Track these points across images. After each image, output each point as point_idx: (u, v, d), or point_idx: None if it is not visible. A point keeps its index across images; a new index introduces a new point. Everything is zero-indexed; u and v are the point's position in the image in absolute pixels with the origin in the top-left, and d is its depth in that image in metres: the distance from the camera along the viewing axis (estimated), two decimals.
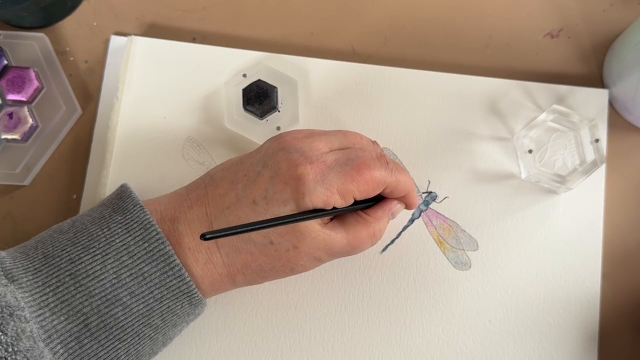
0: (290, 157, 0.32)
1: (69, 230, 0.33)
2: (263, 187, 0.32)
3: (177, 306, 0.33)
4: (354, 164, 0.33)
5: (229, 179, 0.34)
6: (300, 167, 0.32)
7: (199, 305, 0.33)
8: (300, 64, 0.42)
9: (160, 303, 0.32)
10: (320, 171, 0.32)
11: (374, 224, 0.35)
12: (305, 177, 0.31)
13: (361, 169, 0.33)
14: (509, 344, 0.38)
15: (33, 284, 0.30)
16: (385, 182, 0.34)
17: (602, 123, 0.42)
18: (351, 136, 0.36)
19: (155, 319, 0.32)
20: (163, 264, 0.32)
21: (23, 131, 0.41)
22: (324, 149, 0.33)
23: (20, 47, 0.42)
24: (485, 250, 0.40)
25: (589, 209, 0.40)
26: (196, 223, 0.33)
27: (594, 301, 0.39)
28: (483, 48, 0.44)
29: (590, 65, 0.44)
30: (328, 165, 0.32)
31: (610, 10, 0.44)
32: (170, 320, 0.33)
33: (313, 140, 0.34)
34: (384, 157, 0.34)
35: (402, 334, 0.39)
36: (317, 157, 0.32)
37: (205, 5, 0.44)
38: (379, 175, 0.33)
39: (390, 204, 0.36)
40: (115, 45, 0.43)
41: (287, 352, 0.38)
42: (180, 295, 0.32)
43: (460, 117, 0.42)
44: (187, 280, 0.32)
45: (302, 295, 0.39)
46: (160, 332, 0.33)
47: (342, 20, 0.44)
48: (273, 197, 0.32)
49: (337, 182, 0.32)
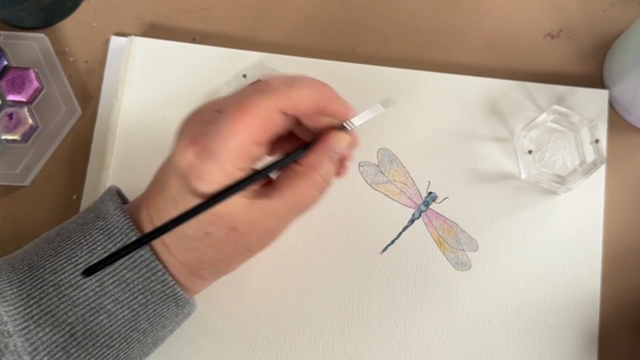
0: (177, 145, 0.30)
1: (55, 239, 0.32)
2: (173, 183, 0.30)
3: (164, 308, 0.32)
4: (228, 111, 0.29)
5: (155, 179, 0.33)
6: (179, 152, 0.29)
7: (186, 305, 0.33)
8: (300, 64, 0.42)
9: (146, 307, 0.31)
10: (201, 146, 0.29)
11: (311, 173, 0.31)
12: (181, 161, 0.29)
13: (238, 113, 0.28)
14: (508, 344, 0.39)
15: (17, 296, 0.30)
16: (276, 107, 0.29)
17: (601, 123, 0.42)
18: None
19: (142, 323, 0.32)
20: (145, 269, 0.31)
21: (23, 131, 0.41)
22: (206, 117, 0.30)
23: (20, 48, 0.42)
24: (485, 250, 0.40)
25: (589, 209, 0.40)
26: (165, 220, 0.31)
27: (593, 301, 0.39)
28: (483, 48, 0.44)
29: (590, 65, 0.44)
30: (205, 132, 0.29)
31: (610, 10, 0.44)
32: (158, 322, 0.32)
33: (200, 113, 0.30)
34: (266, 82, 0.30)
35: (402, 334, 0.39)
36: (196, 133, 0.29)
37: (205, 5, 0.44)
38: (264, 106, 0.29)
39: (322, 143, 0.31)
40: (115, 45, 0.43)
41: (287, 352, 0.38)
42: (165, 298, 0.32)
43: (460, 117, 0.42)
44: (170, 284, 0.31)
45: (302, 295, 0.39)
46: (148, 335, 0.32)
47: (342, 20, 0.44)
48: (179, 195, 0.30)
49: (221, 148, 0.28)
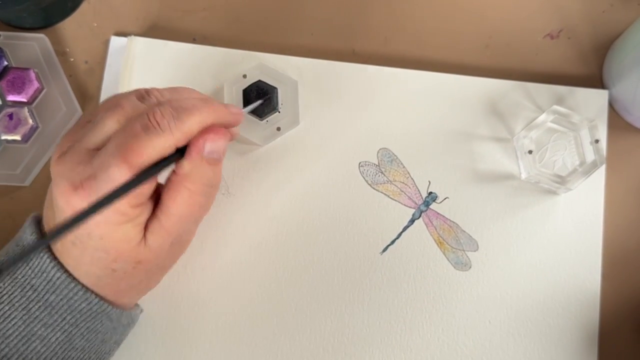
0: (58, 190, 0.28)
1: None
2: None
3: (97, 324, 0.32)
4: (113, 167, 0.26)
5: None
6: (61, 199, 0.28)
7: (121, 318, 0.33)
8: (300, 64, 0.42)
9: (77, 327, 0.31)
10: (86, 194, 0.27)
11: (186, 182, 0.29)
12: (68, 212, 0.27)
13: (123, 166, 0.26)
14: (508, 344, 0.39)
15: None
16: (163, 152, 0.27)
17: (601, 123, 0.42)
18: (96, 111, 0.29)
19: (78, 341, 0.31)
20: (65, 290, 0.30)
21: (23, 132, 0.41)
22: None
23: (20, 48, 0.42)
24: (485, 250, 0.40)
25: (589, 209, 0.40)
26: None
27: (593, 301, 0.39)
28: (483, 48, 0.44)
29: (590, 65, 0.44)
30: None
31: (610, 10, 0.44)
32: (95, 338, 0.32)
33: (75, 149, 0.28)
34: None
35: (402, 334, 0.39)
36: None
37: (205, 6, 0.44)
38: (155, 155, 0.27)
39: (194, 146, 0.28)
40: (115, 46, 0.43)
41: (287, 352, 0.38)
42: (94, 315, 0.31)
43: (460, 117, 0.42)
44: (94, 301, 0.31)
45: (302, 296, 0.39)
46: (89, 351, 0.32)
47: (341, 20, 0.44)
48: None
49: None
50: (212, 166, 0.29)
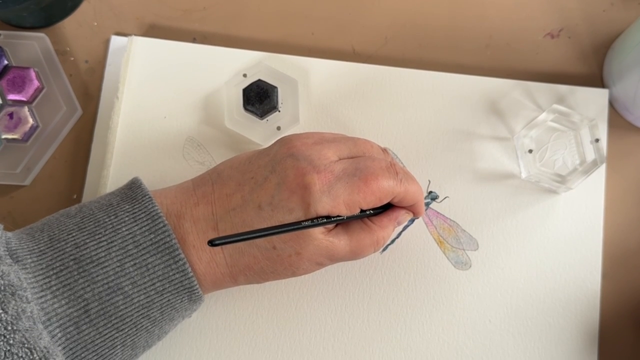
0: (298, 164, 0.32)
1: (76, 215, 0.33)
2: (269, 192, 0.32)
3: (177, 300, 0.33)
4: (362, 175, 0.32)
5: (236, 178, 0.34)
6: (307, 176, 0.32)
7: (197, 301, 0.34)
8: (300, 64, 0.42)
9: (161, 295, 0.32)
10: (327, 181, 0.32)
11: (378, 232, 0.35)
12: (312, 186, 0.31)
13: (368, 180, 0.32)
14: (508, 343, 0.39)
15: (37, 265, 0.30)
16: (393, 193, 0.33)
17: (602, 122, 0.42)
18: (361, 144, 0.35)
19: (154, 311, 0.32)
20: (167, 256, 0.32)
21: (23, 131, 0.41)
22: (332, 157, 0.33)
23: (21, 47, 0.42)
24: (485, 249, 0.40)
25: (589, 208, 0.40)
26: (201, 221, 0.33)
27: (593, 301, 0.39)
28: (483, 48, 0.44)
29: (590, 65, 0.44)
30: (335, 175, 0.32)
31: (610, 10, 0.44)
32: (169, 314, 0.33)
33: (322, 147, 0.33)
34: (394, 167, 0.34)
35: (402, 333, 0.39)
36: (324, 166, 0.32)
37: (205, 5, 0.44)
38: (387, 186, 0.33)
39: (397, 212, 0.35)
40: (115, 45, 0.43)
41: (287, 351, 0.38)
42: (181, 289, 0.32)
43: (460, 117, 0.42)
44: (189, 275, 0.32)
45: (302, 295, 0.39)
46: (157, 325, 0.33)
47: (342, 20, 0.44)
48: (278, 204, 0.32)
49: (344, 192, 0.32)
50: (393, 230, 0.36)
